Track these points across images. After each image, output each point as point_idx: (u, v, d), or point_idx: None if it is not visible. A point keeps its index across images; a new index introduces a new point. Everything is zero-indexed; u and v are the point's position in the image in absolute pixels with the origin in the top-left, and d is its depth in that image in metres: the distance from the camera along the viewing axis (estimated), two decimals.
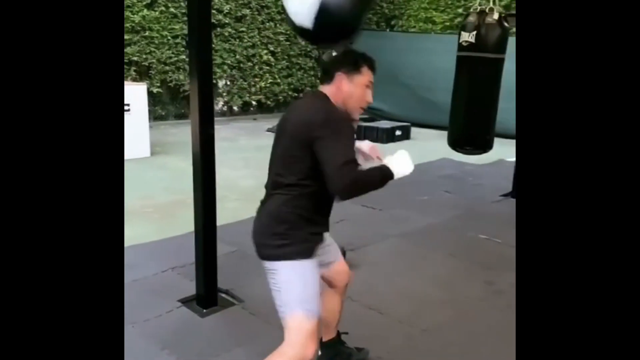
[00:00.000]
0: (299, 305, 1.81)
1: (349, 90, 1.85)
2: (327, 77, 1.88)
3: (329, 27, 1.82)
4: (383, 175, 1.78)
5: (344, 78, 1.85)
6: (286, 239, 1.82)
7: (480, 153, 4.29)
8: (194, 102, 2.71)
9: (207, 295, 2.90)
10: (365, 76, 1.87)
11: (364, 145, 2.06)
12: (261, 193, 1.96)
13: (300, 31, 1.85)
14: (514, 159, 5.51)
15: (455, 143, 4.13)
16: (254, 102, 10.38)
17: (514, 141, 5.25)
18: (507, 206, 5.04)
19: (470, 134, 4.06)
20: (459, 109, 4.11)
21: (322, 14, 1.73)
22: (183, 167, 6.28)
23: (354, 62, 1.86)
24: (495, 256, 3.79)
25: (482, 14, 3.63)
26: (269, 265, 1.86)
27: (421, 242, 4.03)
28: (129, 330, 2.64)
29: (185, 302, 2.95)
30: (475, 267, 3.59)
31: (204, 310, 2.87)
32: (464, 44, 3.68)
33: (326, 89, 1.88)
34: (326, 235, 2.05)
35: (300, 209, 1.81)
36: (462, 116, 4.10)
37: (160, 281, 3.23)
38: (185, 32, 8.97)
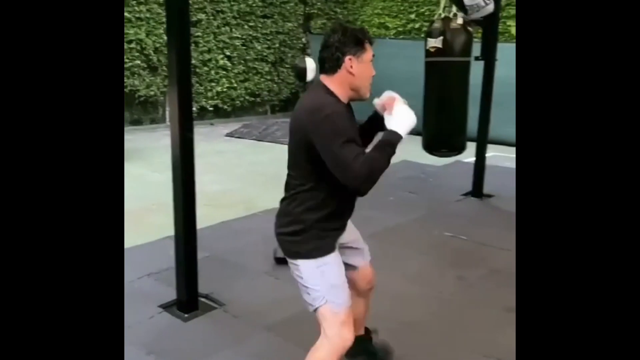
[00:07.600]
0: (324, 299, 1.86)
1: (359, 72, 1.82)
2: (333, 65, 1.81)
3: None
4: (390, 149, 1.75)
5: (354, 60, 1.80)
6: (300, 238, 1.86)
7: (456, 154, 4.36)
8: (173, 107, 2.71)
9: (189, 300, 2.89)
10: (369, 51, 1.84)
11: (384, 97, 2.01)
12: (226, 198, 1.98)
13: None
14: (470, 160, 5.71)
15: (431, 147, 4.19)
16: (210, 107, 10.30)
17: (470, 143, 5.32)
18: (468, 205, 5.22)
19: (444, 137, 4.14)
20: (431, 114, 4.17)
21: None
22: (144, 173, 6.19)
23: (358, 41, 1.81)
24: (462, 252, 3.94)
25: (446, 20, 3.77)
26: (291, 261, 1.91)
27: (391, 241, 4.13)
28: None
29: (165, 307, 2.94)
30: (445, 264, 3.72)
31: (186, 315, 2.86)
32: (431, 49, 3.79)
33: (332, 79, 1.83)
34: (354, 237, 2.14)
35: (312, 209, 1.84)
36: (435, 120, 4.16)
37: (138, 287, 3.19)
38: (140, 37, 8.83)
